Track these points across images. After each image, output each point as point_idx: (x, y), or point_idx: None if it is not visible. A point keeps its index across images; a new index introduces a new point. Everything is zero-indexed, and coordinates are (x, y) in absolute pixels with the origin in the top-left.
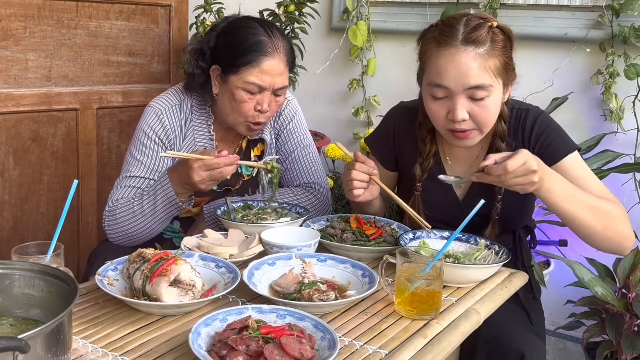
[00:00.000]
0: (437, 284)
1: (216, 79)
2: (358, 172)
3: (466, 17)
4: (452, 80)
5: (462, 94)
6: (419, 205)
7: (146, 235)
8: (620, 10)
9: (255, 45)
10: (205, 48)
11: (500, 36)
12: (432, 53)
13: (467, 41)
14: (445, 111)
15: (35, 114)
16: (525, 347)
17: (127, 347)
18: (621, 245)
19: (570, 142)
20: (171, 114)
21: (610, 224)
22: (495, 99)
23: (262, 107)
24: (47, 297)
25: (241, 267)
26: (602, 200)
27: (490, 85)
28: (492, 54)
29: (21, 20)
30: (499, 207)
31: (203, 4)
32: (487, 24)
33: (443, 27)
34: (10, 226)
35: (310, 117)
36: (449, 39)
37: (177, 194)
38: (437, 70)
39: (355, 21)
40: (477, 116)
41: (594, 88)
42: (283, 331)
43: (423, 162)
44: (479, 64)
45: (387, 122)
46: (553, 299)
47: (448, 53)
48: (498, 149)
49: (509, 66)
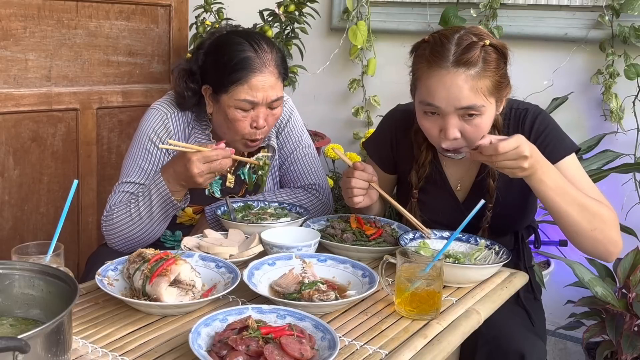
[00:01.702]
0: (437, 284)
1: (209, 99)
2: (357, 179)
3: (459, 35)
4: (443, 101)
5: (453, 114)
6: (415, 212)
7: (145, 239)
8: (620, 10)
9: (241, 63)
10: (195, 68)
11: (493, 55)
12: (423, 73)
13: (458, 63)
14: (438, 129)
15: (35, 114)
16: (526, 348)
17: (127, 347)
18: (607, 250)
19: (568, 143)
20: (176, 119)
21: (599, 225)
22: (488, 117)
23: (258, 123)
24: (47, 297)
25: (241, 267)
26: (595, 202)
27: (482, 106)
28: (483, 75)
29: (21, 20)
30: (489, 215)
31: (203, 4)
32: (479, 43)
33: (434, 45)
34: (10, 226)
35: (310, 117)
36: (439, 60)
37: (172, 192)
38: (427, 90)
39: (355, 21)
40: (469, 134)
41: (594, 88)
42: (283, 331)
43: (419, 170)
44: (470, 86)
45: (385, 125)
46: (553, 299)
47: (438, 74)
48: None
49: (501, 84)
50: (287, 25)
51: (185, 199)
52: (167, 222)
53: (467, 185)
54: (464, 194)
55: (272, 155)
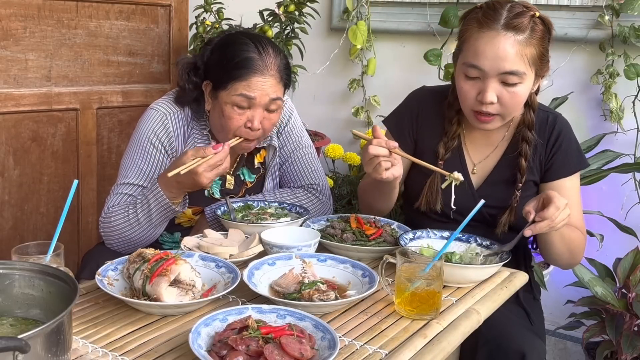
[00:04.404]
0: (437, 284)
1: (208, 95)
2: (376, 147)
3: (510, 4)
4: (488, 62)
5: (495, 78)
6: (438, 183)
7: (143, 241)
8: (620, 10)
9: (244, 62)
10: (199, 63)
11: (540, 26)
12: (473, 33)
13: (508, 26)
14: (476, 92)
15: (35, 114)
16: (526, 347)
17: (127, 347)
18: (568, 265)
19: (580, 162)
20: (175, 119)
21: (572, 255)
22: (526, 87)
23: (252, 124)
24: (47, 297)
25: (241, 267)
26: (576, 236)
27: (524, 73)
28: (530, 43)
29: (21, 20)
30: (519, 194)
31: (203, 4)
32: (529, 12)
33: (487, 9)
34: (10, 226)
35: (310, 117)
36: (491, 22)
37: (171, 199)
38: (474, 51)
39: (355, 21)
40: (506, 102)
41: (594, 88)
42: (283, 331)
43: (448, 142)
44: (516, 51)
45: (411, 102)
46: (553, 299)
47: (488, 35)
48: (525, 138)
49: (544, 57)
50: (287, 25)
51: (184, 202)
52: (165, 224)
53: (484, 173)
54: (479, 180)
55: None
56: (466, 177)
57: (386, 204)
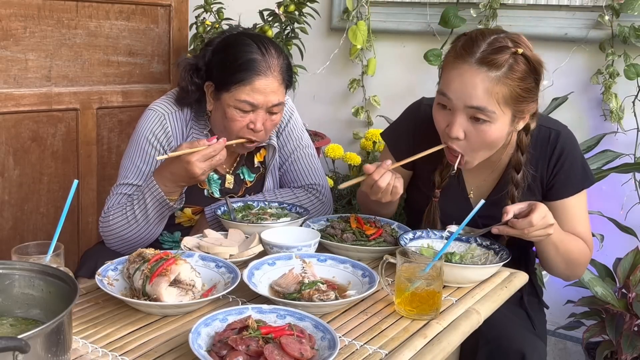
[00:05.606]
0: (437, 284)
1: (210, 96)
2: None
3: (495, 36)
4: (454, 94)
5: (462, 111)
6: (435, 213)
7: (143, 241)
8: (620, 10)
9: (247, 64)
10: (201, 64)
11: (522, 66)
12: (449, 63)
13: (482, 61)
14: (446, 123)
15: (35, 114)
16: (526, 348)
17: (127, 347)
18: (568, 278)
19: (585, 180)
20: (174, 120)
21: (572, 266)
22: (497, 128)
23: (255, 126)
24: (47, 297)
25: (241, 267)
26: (578, 248)
27: (493, 112)
28: (503, 82)
29: (21, 20)
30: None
31: (203, 4)
32: (512, 49)
33: (468, 39)
34: (10, 226)
35: (310, 117)
36: (466, 54)
37: (167, 194)
38: (446, 79)
39: (355, 21)
40: (472, 139)
41: (594, 88)
42: (283, 331)
43: (443, 170)
44: (485, 87)
45: (408, 118)
46: (553, 299)
47: (460, 67)
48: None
49: (521, 98)
50: (287, 25)
51: (181, 199)
52: (163, 222)
53: (482, 194)
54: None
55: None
56: (465, 200)
57: (388, 212)
